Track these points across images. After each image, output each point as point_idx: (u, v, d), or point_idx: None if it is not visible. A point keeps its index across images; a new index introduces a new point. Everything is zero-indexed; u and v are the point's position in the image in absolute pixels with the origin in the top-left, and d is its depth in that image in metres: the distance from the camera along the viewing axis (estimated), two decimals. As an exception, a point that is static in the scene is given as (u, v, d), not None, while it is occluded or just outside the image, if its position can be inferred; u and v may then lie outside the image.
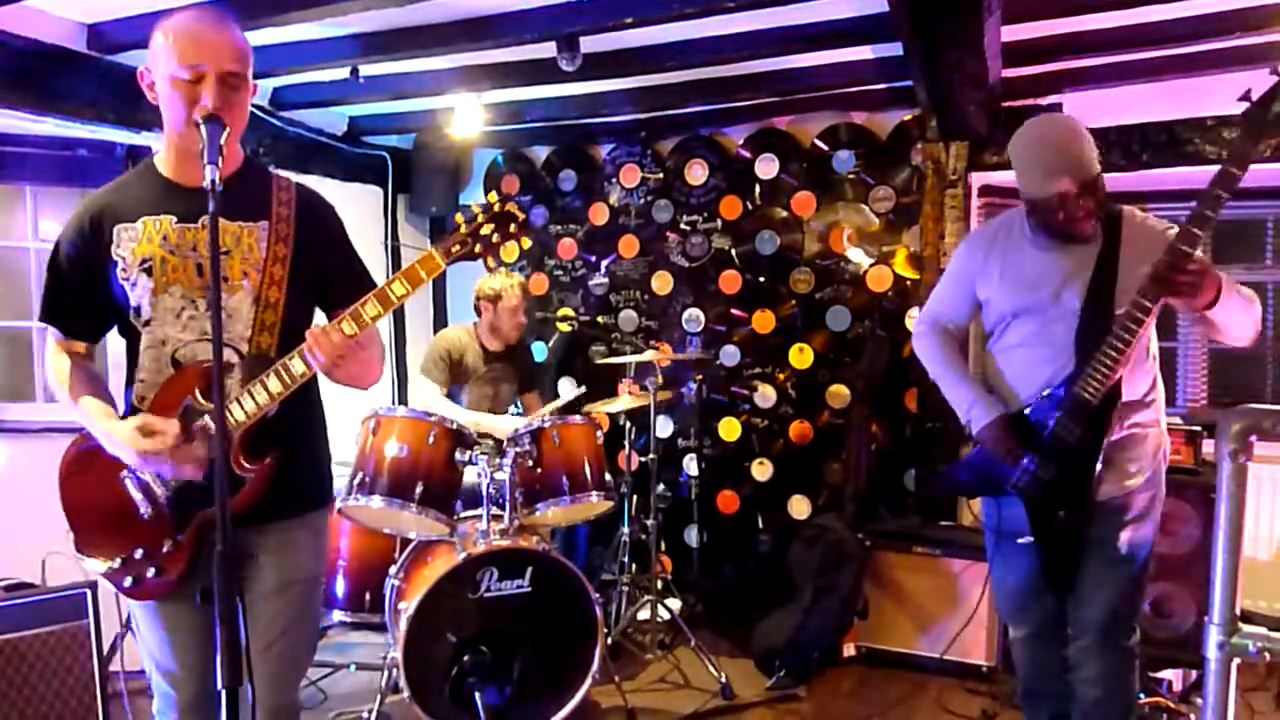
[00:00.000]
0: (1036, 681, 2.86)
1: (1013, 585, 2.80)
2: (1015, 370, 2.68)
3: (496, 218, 2.00)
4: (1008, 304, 2.66)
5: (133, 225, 2.00)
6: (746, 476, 5.00)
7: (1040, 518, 2.62)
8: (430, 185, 5.40)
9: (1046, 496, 2.59)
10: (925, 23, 2.93)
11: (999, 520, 2.75)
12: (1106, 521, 2.61)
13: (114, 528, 2.04)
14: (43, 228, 4.41)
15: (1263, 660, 1.35)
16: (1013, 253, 2.67)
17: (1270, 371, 4.61)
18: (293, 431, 2.09)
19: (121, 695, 3.48)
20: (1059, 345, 2.56)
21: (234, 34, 1.95)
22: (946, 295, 2.86)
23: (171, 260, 2.00)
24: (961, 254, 2.85)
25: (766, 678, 3.99)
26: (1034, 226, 2.63)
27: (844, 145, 4.72)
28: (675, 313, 5.17)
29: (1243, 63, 3.67)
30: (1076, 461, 2.53)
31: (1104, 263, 2.53)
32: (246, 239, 2.03)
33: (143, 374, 2.03)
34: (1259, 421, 1.37)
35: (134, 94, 2.00)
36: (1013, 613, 2.88)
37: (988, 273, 2.71)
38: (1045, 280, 2.60)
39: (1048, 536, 2.62)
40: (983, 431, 2.64)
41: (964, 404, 2.70)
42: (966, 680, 3.95)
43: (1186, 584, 3.68)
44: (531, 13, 3.44)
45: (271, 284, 2.03)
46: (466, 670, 3.14)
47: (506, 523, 3.35)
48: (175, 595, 2.02)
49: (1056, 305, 2.58)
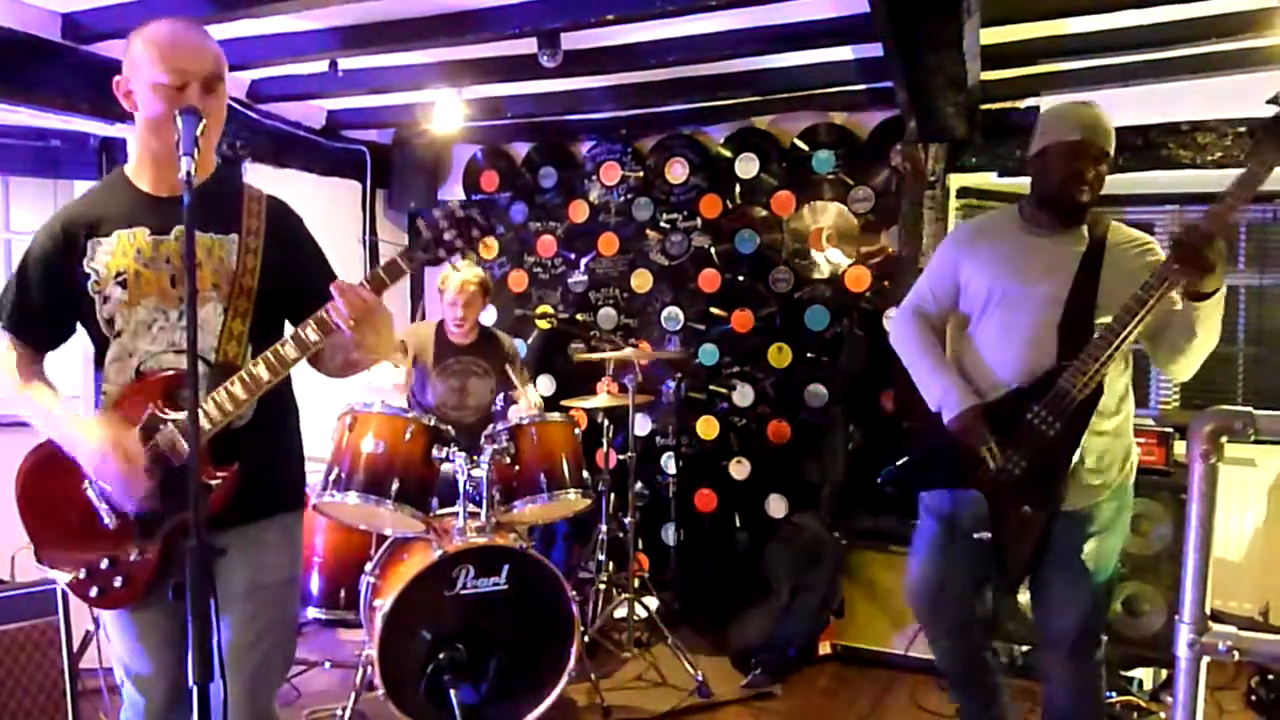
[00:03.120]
0: (965, 675, 2.88)
1: (942, 582, 2.75)
2: (992, 354, 2.63)
3: (458, 223, 1.99)
4: (991, 283, 2.62)
5: (106, 239, 1.99)
6: (724, 475, 5.01)
7: (1003, 512, 2.56)
8: (409, 181, 5.37)
9: (1013, 490, 2.54)
10: (905, 24, 2.94)
11: (953, 514, 2.70)
12: (1072, 532, 2.59)
13: (77, 539, 2.00)
14: (15, 218, 4.35)
15: (1232, 659, 1.36)
16: (1002, 237, 2.68)
17: (1242, 374, 4.66)
18: (265, 433, 2.08)
19: (99, 692, 3.45)
20: (1040, 334, 2.54)
21: (211, 42, 1.99)
22: (929, 282, 2.82)
23: (146, 274, 1.99)
24: (947, 242, 2.86)
25: (743, 676, 4.00)
26: (1034, 195, 2.64)
27: (824, 145, 4.74)
28: (654, 311, 5.16)
29: (1217, 68, 3.71)
30: (1050, 456, 2.49)
31: (1089, 259, 2.54)
32: (218, 251, 2.03)
33: (107, 384, 2.03)
34: (1230, 423, 1.38)
35: (108, 84, 1.98)
36: (933, 611, 2.82)
37: (974, 255, 2.69)
38: (1031, 264, 2.59)
39: (1010, 532, 2.58)
40: (955, 420, 2.58)
41: (937, 390, 2.64)
42: (941, 678, 3.96)
43: (1157, 583, 3.72)
44: (513, 8, 3.43)
45: (241, 294, 2.02)
46: (442, 668, 3.13)
47: (483, 520, 3.35)
48: (145, 603, 2.00)
49: (1040, 291, 2.55)
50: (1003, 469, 2.53)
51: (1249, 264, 4.61)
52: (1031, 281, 2.57)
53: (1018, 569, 2.64)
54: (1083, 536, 2.59)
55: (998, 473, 2.54)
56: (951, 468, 2.63)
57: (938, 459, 2.69)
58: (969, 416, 2.56)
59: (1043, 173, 2.61)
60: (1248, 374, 4.64)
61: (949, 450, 2.61)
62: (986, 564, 2.69)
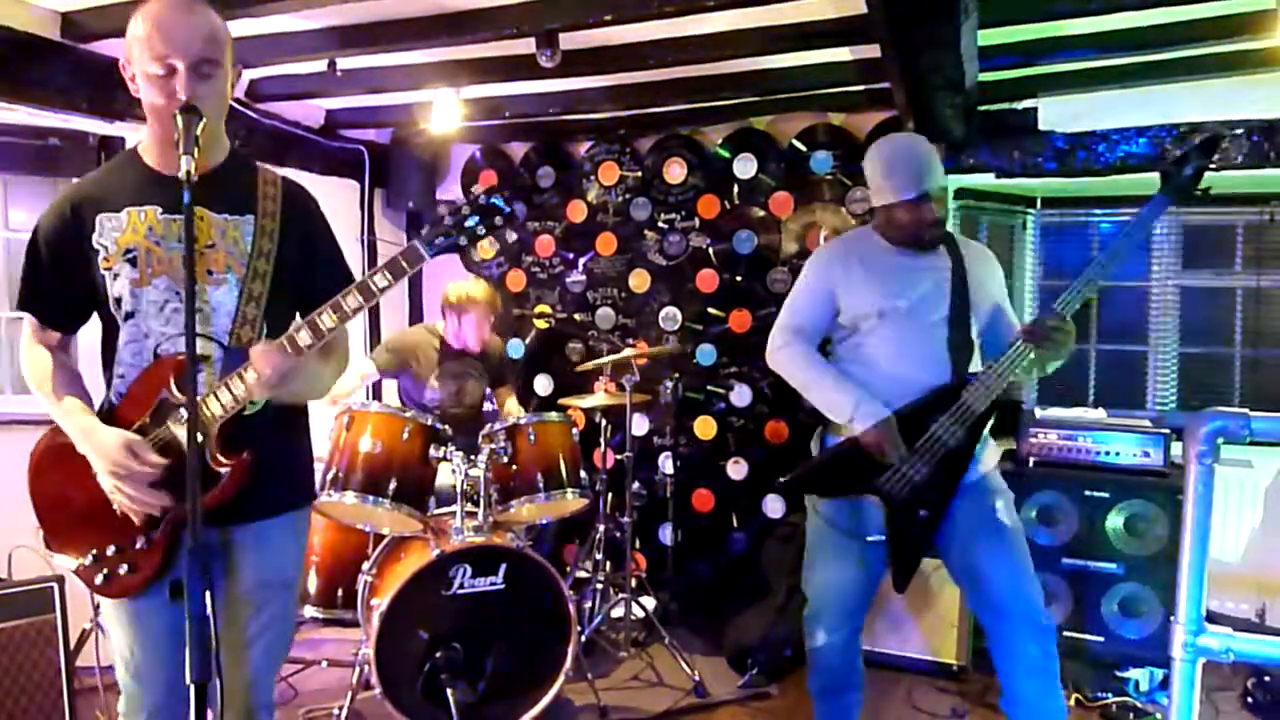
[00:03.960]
0: (843, 677, 2.90)
1: (851, 585, 2.82)
2: (886, 370, 2.73)
3: (481, 210, 1.99)
4: (872, 305, 2.73)
5: (116, 215, 1.97)
6: (722, 475, 5.01)
7: (900, 517, 2.70)
8: (407, 180, 5.37)
9: (912, 495, 2.68)
10: (902, 25, 2.93)
11: (847, 517, 2.78)
12: (978, 498, 2.71)
13: (86, 524, 2.00)
14: (13, 217, 4.35)
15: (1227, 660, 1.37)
16: (872, 258, 2.79)
17: (1239, 375, 4.67)
18: (274, 427, 2.07)
19: (96, 689, 3.45)
20: (928, 352, 2.70)
21: (205, 19, 1.92)
22: (806, 306, 2.87)
23: (157, 251, 1.97)
24: (818, 266, 2.88)
25: (739, 675, 4.00)
26: (889, 237, 2.78)
27: (822, 146, 4.74)
28: (652, 311, 5.17)
29: (1215, 70, 3.72)
30: (950, 463, 2.67)
31: (957, 278, 2.74)
32: (232, 232, 2.01)
33: (122, 368, 2.00)
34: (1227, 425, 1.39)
35: (107, 83, 1.99)
36: (840, 615, 2.85)
37: (849, 278, 2.78)
38: (908, 285, 2.74)
39: (905, 535, 2.71)
40: (872, 430, 2.64)
41: (848, 403, 2.69)
42: (937, 679, 3.98)
43: (1154, 585, 3.73)
44: (511, 8, 3.43)
45: (255, 277, 2.01)
46: (439, 667, 3.14)
47: (481, 519, 3.35)
48: (148, 593, 1.99)
49: (923, 310, 2.72)
50: (905, 476, 2.67)
51: (1246, 265, 4.62)
52: (914, 301, 2.73)
53: (909, 567, 2.77)
54: (989, 502, 2.72)
55: (900, 479, 2.67)
56: (851, 475, 2.73)
57: (839, 467, 2.77)
58: (885, 426, 2.65)
59: (891, 225, 2.77)
60: (1245, 376, 4.65)
61: (849, 458, 2.71)
62: (880, 563, 2.81)
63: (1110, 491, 3.83)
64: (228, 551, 2.03)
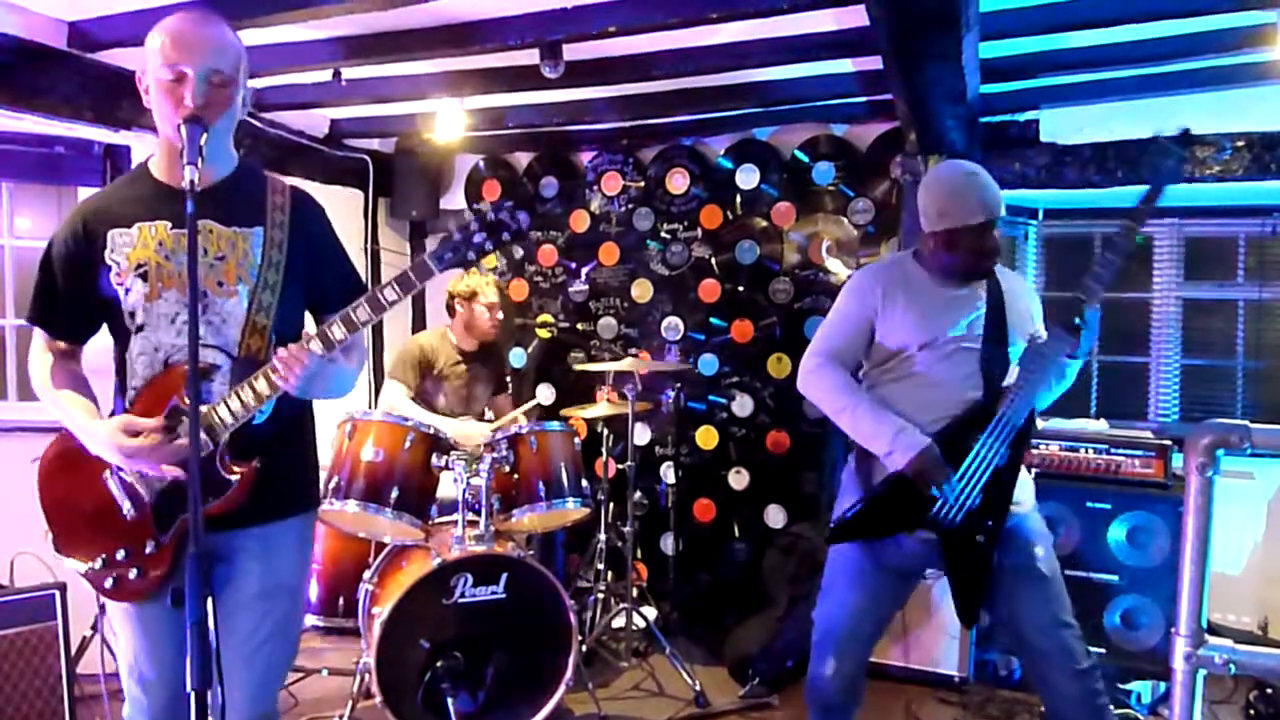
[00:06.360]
0: (846, 701, 2.81)
1: (871, 618, 2.75)
2: (918, 398, 2.64)
3: (490, 226, 2.01)
4: (912, 339, 2.65)
5: (128, 230, 1.99)
6: (723, 485, 5.01)
7: (956, 548, 2.58)
8: (411, 190, 5.38)
9: (965, 523, 2.56)
10: (904, 38, 2.94)
11: (900, 557, 2.67)
12: (1022, 546, 2.61)
13: (95, 528, 2.02)
14: (18, 225, 4.36)
15: (1228, 672, 1.37)
16: (914, 289, 2.71)
17: (1241, 387, 4.66)
18: (283, 433, 2.09)
19: (97, 697, 3.44)
20: (962, 374, 2.62)
21: (219, 31, 1.95)
22: (842, 333, 2.78)
23: (167, 266, 1.99)
24: (857, 293, 2.78)
25: (740, 686, 3.99)
26: (939, 264, 2.70)
27: (824, 157, 4.76)
28: (654, 321, 5.17)
29: (1215, 83, 3.73)
30: (999, 483, 2.56)
31: (993, 299, 2.68)
32: (241, 244, 2.03)
33: (136, 380, 2.02)
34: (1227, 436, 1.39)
35: (113, 92, 2.00)
36: (856, 647, 2.77)
37: (888, 308, 2.70)
38: (948, 318, 2.66)
39: (964, 566, 2.59)
40: (915, 460, 2.52)
41: (888, 432, 2.56)
42: (938, 690, 3.97)
43: (1155, 596, 3.72)
44: (515, 19, 3.44)
45: (265, 288, 2.03)
46: (439, 676, 3.13)
47: (482, 529, 3.35)
48: (155, 598, 2.00)
49: (961, 337, 2.65)
50: (958, 504, 2.55)
51: (1248, 277, 4.62)
52: (954, 333, 2.65)
53: (977, 600, 2.64)
54: (1028, 545, 2.63)
55: (953, 509, 2.55)
56: (901, 513, 2.60)
57: (885, 507, 2.62)
58: (928, 455, 2.52)
59: (950, 250, 2.67)
60: (1247, 388, 4.64)
61: (894, 496, 2.58)
62: (901, 598, 2.79)
63: (1112, 503, 3.82)
64: (234, 557, 2.04)
